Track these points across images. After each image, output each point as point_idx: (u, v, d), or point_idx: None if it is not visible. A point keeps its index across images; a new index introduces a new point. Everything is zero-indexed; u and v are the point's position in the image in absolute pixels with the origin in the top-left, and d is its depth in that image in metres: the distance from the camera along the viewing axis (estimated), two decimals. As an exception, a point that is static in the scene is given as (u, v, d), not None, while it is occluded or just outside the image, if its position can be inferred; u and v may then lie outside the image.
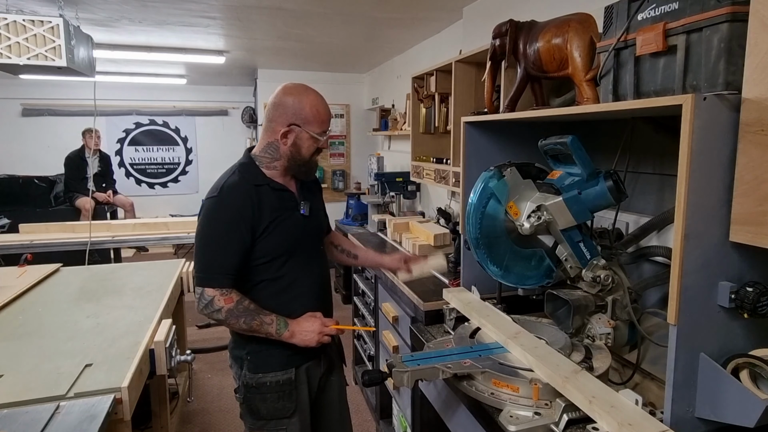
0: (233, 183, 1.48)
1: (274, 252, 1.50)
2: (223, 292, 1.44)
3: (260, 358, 1.54)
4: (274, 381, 1.53)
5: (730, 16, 0.96)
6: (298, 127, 1.49)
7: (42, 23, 2.79)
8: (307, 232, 1.59)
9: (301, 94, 1.50)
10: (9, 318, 2.11)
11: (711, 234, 0.97)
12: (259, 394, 1.53)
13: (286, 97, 1.50)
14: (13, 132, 6.73)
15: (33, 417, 1.34)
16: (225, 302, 1.44)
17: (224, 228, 1.44)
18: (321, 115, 1.50)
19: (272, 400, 1.53)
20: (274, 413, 1.54)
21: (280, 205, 1.52)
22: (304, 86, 1.54)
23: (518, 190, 1.47)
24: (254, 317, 1.45)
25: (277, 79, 6.04)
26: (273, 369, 1.54)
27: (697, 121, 0.91)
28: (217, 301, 1.44)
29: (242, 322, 1.45)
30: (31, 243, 3.78)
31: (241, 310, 1.44)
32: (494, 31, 1.67)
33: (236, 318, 1.44)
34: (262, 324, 1.45)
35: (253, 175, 1.51)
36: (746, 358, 1.00)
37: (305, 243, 1.58)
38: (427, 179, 2.91)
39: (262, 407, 1.54)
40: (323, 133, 1.51)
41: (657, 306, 1.49)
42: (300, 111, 1.48)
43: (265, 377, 1.53)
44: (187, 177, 7.65)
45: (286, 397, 1.54)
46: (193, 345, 3.72)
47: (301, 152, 1.51)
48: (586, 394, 1.09)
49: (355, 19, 3.46)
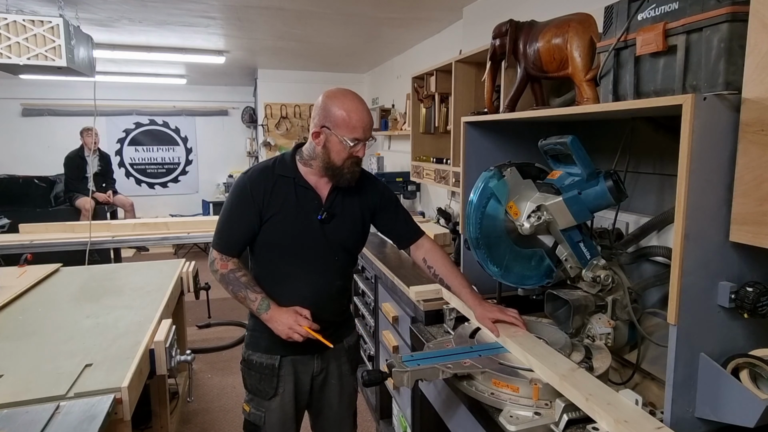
0: (262, 168, 1.58)
1: (273, 241, 1.55)
2: (223, 257, 1.55)
3: (253, 337, 1.64)
4: (259, 362, 1.61)
5: (730, 16, 0.96)
6: (328, 129, 1.46)
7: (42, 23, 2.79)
8: (319, 236, 1.55)
9: (336, 97, 1.47)
10: (9, 318, 2.10)
11: (711, 234, 0.97)
12: (247, 369, 1.65)
13: (323, 98, 1.49)
14: (13, 132, 6.73)
15: (33, 417, 1.34)
16: (221, 266, 1.54)
17: (236, 204, 1.54)
18: (352, 120, 1.44)
19: (255, 378, 1.63)
20: (256, 391, 1.63)
21: (297, 202, 1.53)
22: (345, 91, 1.50)
23: (518, 190, 1.47)
24: (241, 289, 1.52)
25: (277, 79, 6.05)
26: (260, 350, 1.62)
27: (697, 121, 0.91)
28: (216, 263, 1.55)
29: (230, 289, 1.54)
30: (31, 243, 3.78)
31: (231, 279, 1.53)
32: (494, 31, 1.67)
33: (226, 284, 1.54)
34: (246, 298, 1.52)
35: (284, 167, 1.57)
36: (746, 358, 1.00)
37: (313, 246, 1.55)
38: (427, 179, 2.91)
39: (248, 381, 1.65)
40: (355, 140, 1.45)
41: (657, 306, 1.49)
42: (331, 114, 1.45)
43: (253, 355, 1.62)
44: (187, 177, 7.65)
45: (266, 380, 1.61)
46: (193, 345, 3.72)
47: (330, 156, 1.48)
48: (583, 392, 1.10)
49: (355, 19, 3.46)
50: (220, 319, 4.47)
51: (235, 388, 3.30)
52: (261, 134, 6.28)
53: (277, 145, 6.21)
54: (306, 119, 6.28)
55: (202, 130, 7.60)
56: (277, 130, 6.18)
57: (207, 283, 3.27)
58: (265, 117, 6.15)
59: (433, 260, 1.68)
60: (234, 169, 7.57)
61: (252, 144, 7.30)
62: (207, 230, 4.37)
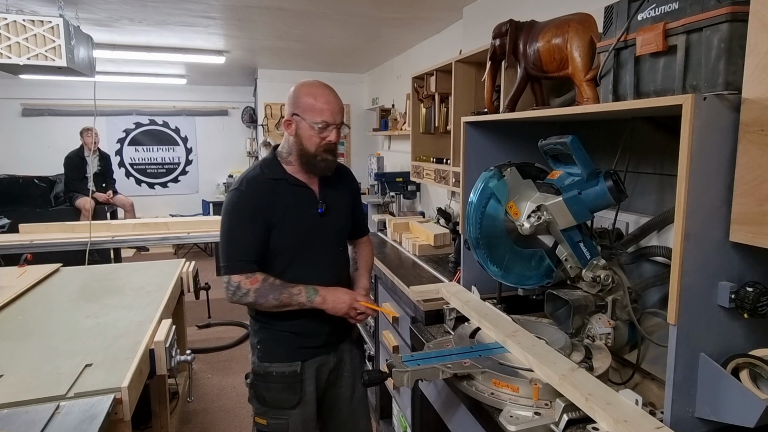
0: (253, 176, 1.54)
1: (282, 247, 1.53)
2: (248, 275, 1.49)
3: (269, 348, 1.59)
4: (280, 372, 1.56)
5: (730, 16, 0.95)
6: (298, 116, 1.50)
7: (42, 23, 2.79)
8: (322, 231, 1.59)
9: (304, 85, 1.53)
10: (9, 318, 2.10)
11: (711, 234, 0.97)
12: (264, 383, 1.58)
13: (293, 89, 1.55)
14: (13, 132, 6.73)
15: (33, 417, 1.34)
16: (251, 283, 1.48)
17: (243, 218, 1.50)
18: (318, 103, 1.49)
19: (276, 390, 1.57)
20: (277, 402, 1.58)
21: (296, 202, 1.54)
22: (314, 80, 1.56)
23: (518, 190, 1.47)
24: (281, 291, 1.48)
25: (277, 79, 6.05)
26: (279, 359, 1.57)
27: (697, 121, 0.91)
28: (243, 285, 1.48)
29: (271, 298, 1.48)
30: (31, 243, 3.78)
31: (268, 288, 1.48)
32: (494, 31, 1.67)
33: (264, 296, 1.48)
34: (291, 296, 1.48)
35: (272, 170, 1.56)
36: (746, 358, 1.00)
37: (318, 242, 1.58)
38: (427, 179, 2.91)
39: (266, 395, 1.58)
40: (324, 123, 1.49)
41: (657, 306, 1.49)
42: (298, 100, 1.50)
43: (271, 367, 1.57)
44: (187, 177, 7.65)
45: (289, 389, 1.57)
46: (193, 345, 3.72)
47: (303, 143, 1.51)
48: (582, 392, 1.10)
49: (355, 19, 3.46)
50: (220, 319, 4.47)
51: (235, 388, 3.30)
52: (261, 134, 6.28)
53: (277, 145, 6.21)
54: (306, 119, 6.28)
55: (202, 130, 7.60)
56: (277, 130, 6.18)
57: (207, 283, 3.27)
58: (265, 117, 6.15)
59: (359, 252, 1.81)
60: (234, 169, 7.57)
61: (252, 144, 7.30)
62: (207, 230, 4.37)
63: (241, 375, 3.47)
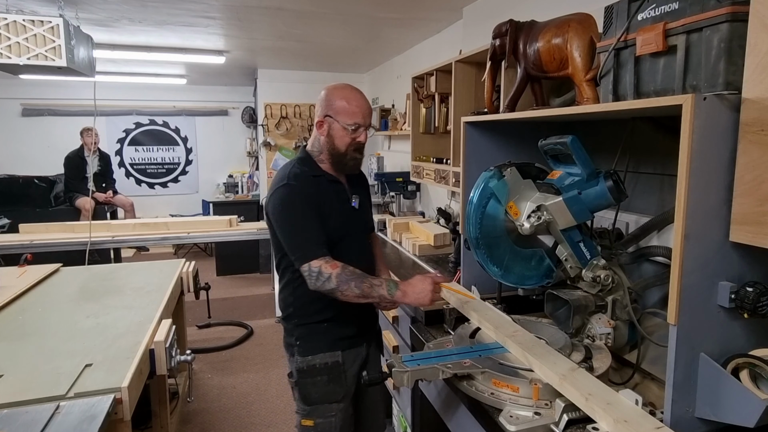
0: (297, 173, 1.57)
1: (330, 235, 1.56)
2: (326, 260, 1.48)
3: (309, 342, 1.62)
4: (323, 363, 1.59)
5: (730, 16, 0.96)
6: (330, 118, 1.57)
7: (42, 23, 2.79)
8: (356, 224, 1.68)
9: (336, 88, 1.61)
10: (9, 318, 2.10)
11: (711, 234, 0.97)
12: (310, 377, 1.60)
13: (325, 91, 1.62)
14: (13, 132, 6.73)
15: (33, 417, 1.34)
16: (331, 268, 1.46)
17: (303, 208, 1.53)
18: (351, 106, 1.56)
19: (322, 383, 1.59)
20: (324, 397, 1.60)
21: (335, 196, 1.62)
22: (345, 84, 1.65)
23: (518, 190, 1.47)
24: (363, 280, 1.48)
25: (277, 79, 6.05)
26: (321, 350, 1.60)
27: (697, 121, 0.91)
28: (324, 269, 1.46)
29: (353, 285, 1.46)
30: (31, 243, 3.78)
31: (349, 274, 1.47)
32: (494, 31, 1.67)
33: (346, 282, 1.46)
34: (372, 286, 1.48)
35: (311, 168, 1.62)
36: (746, 358, 1.00)
37: (354, 235, 1.66)
38: (427, 179, 2.91)
39: (312, 391, 1.60)
40: (356, 125, 1.56)
41: (657, 306, 1.49)
42: (331, 102, 1.57)
43: (315, 359, 1.60)
44: (187, 177, 7.65)
45: (335, 381, 1.60)
46: (193, 345, 3.72)
47: (335, 143, 1.58)
48: (582, 392, 1.10)
49: (355, 19, 3.46)
50: (220, 319, 4.47)
51: (235, 388, 3.30)
52: (261, 134, 6.27)
53: (277, 145, 6.21)
54: (306, 119, 6.28)
55: (202, 130, 7.59)
56: (277, 130, 6.18)
57: (207, 283, 3.27)
58: (265, 117, 6.15)
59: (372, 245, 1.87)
60: (234, 169, 7.57)
61: (252, 144, 7.29)
62: (207, 230, 4.37)
63: (242, 375, 3.47)
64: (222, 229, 4.40)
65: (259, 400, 3.14)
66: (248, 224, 4.65)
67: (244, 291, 5.42)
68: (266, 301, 4.95)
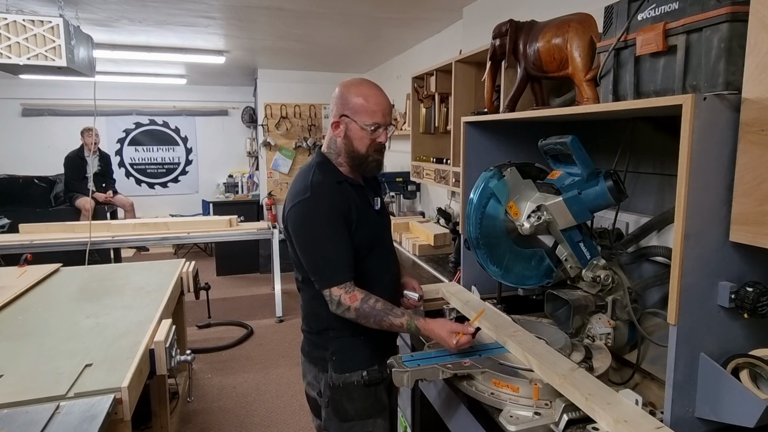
0: (319, 181, 1.45)
1: (361, 245, 1.47)
2: (347, 289, 1.40)
3: (346, 357, 1.51)
4: (361, 379, 1.50)
5: (730, 16, 0.96)
6: (347, 118, 1.45)
7: (42, 23, 2.79)
8: (381, 226, 1.61)
9: (353, 85, 1.47)
10: (9, 318, 2.10)
11: (711, 234, 0.97)
12: (347, 394, 1.50)
13: (340, 88, 1.48)
14: (13, 132, 6.73)
15: (33, 417, 1.34)
16: (351, 300, 1.39)
17: (327, 224, 1.41)
18: (370, 105, 1.43)
19: (359, 399, 1.50)
20: (362, 412, 1.51)
21: (360, 201, 1.51)
22: (361, 79, 1.51)
23: (518, 190, 1.47)
24: (382, 316, 1.40)
25: (277, 79, 6.05)
26: (358, 367, 1.51)
27: (697, 121, 0.91)
28: (343, 300, 1.39)
29: (372, 322, 1.40)
30: (31, 243, 3.78)
31: (368, 310, 1.39)
32: (494, 31, 1.67)
33: (365, 318, 1.40)
34: (392, 325, 1.40)
35: (332, 173, 1.49)
36: (746, 358, 1.00)
37: (382, 237, 1.59)
38: (427, 179, 2.91)
39: (349, 407, 1.50)
40: (375, 125, 1.44)
41: (657, 306, 1.49)
42: (348, 100, 1.44)
43: (352, 376, 1.50)
44: (187, 177, 7.65)
45: (373, 395, 1.52)
46: (193, 345, 3.72)
47: (354, 145, 1.46)
48: (582, 392, 1.10)
49: (355, 19, 3.46)
50: (220, 319, 4.47)
51: (235, 388, 3.30)
52: (261, 134, 6.27)
53: (277, 145, 6.21)
54: (306, 119, 6.28)
55: (202, 130, 7.59)
56: (277, 130, 6.18)
57: (207, 283, 3.27)
58: (265, 117, 6.15)
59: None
60: (234, 169, 7.57)
61: (252, 144, 7.30)
62: (207, 230, 4.38)
63: (242, 375, 3.47)
64: (222, 229, 4.40)
65: (259, 400, 3.14)
66: (248, 224, 4.66)
67: (244, 291, 5.42)
68: (266, 301, 4.95)
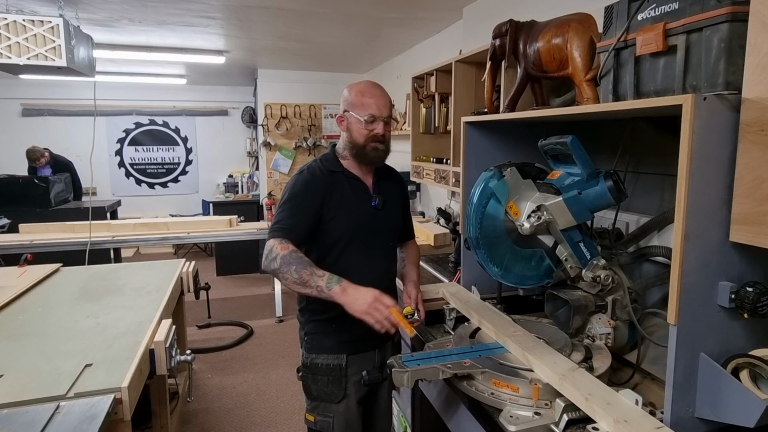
0: (313, 165, 1.64)
1: (337, 236, 1.58)
2: (282, 241, 1.47)
3: (316, 340, 1.64)
4: (325, 364, 1.61)
5: (730, 16, 0.95)
6: (348, 112, 1.61)
7: (42, 23, 2.79)
8: (376, 224, 1.65)
9: (354, 84, 1.65)
10: (9, 318, 2.10)
11: (711, 234, 0.97)
12: (312, 374, 1.63)
13: (345, 89, 1.66)
14: (13, 132, 6.73)
15: (33, 417, 1.34)
16: (281, 249, 1.46)
17: (298, 195, 1.56)
18: (365, 98, 1.58)
19: (322, 382, 1.61)
20: (324, 396, 1.62)
21: (352, 194, 1.62)
22: (364, 80, 1.69)
23: (518, 190, 1.47)
24: (305, 267, 1.43)
25: (277, 79, 6.05)
26: (325, 351, 1.62)
27: (697, 121, 0.91)
28: (275, 248, 1.46)
29: (293, 269, 1.43)
30: (31, 243, 3.78)
31: (294, 257, 1.44)
32: (494, 31, 1.67)
33: (288, 265, 1.43)
34: (312, 275, 1.42)
35: (331, 163, 1.65)
36: (746, 358, 1.00)
37: (371, 234, 1.64)
38: (427, 179, 2.91)
39: (313, 387, 1.63)
40: (370, 116, 1.57)
41: (657, 306, 1.49)
42: (348, 97, 1.62)
43: (318, 358, 1.62)
44: (187, 177, 7.65)
45: (335, 382, 1.61)
46: (193, 345, 3.72)
47: (353, 136, 1.61)
48: (582, 391, 1.10)
49: (355, 19, 3.46)
50: (220, 319, 4.47)
51: (235, 388, 3.30)
52: (261, 134, 6.27)
53: (277, 145, 6.21)
54: (306, 119, 6.28)
55: (202, 130, 7.60)
56: (277, 130, 6.18)
57: (207, 283, 3.27)
58: (265, 117, 6.15)
59: (407, 253, 1.88)
60: (234, 169, 7.57)
61: (252, 144, 7.30)
62: (207, 230, 4.37)
63: (242, 375, 3.48)
64: (222, 229, 4.40)
65: (259, 400, 3.15)
66: (248, 224, 4.66)
67: (244, 291, 5.42)
68: (266, 301, 4.95)
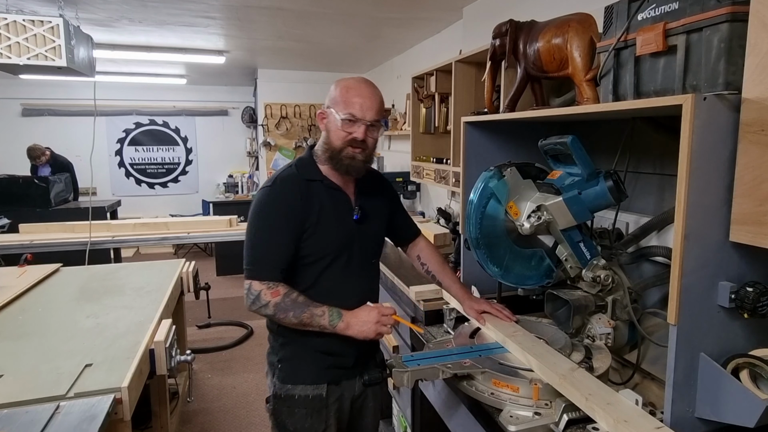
0: (286, 176, 1.42)
1: (317, 254, 1.40)
2: (270, 285, 1.34)
3: (291, 367, 1.44)
4: (303, 395, 1.42)
5: (730, 16, 0.95)
6: (330, 108, 1.40)
7: (42, 23, 2.79)
8: (357, 239, 1.46)
9: (343, 80, 1.43)
10: (9, 318, 2.10)
11: (711, 234, 0.97)
12: (287, 408, 1.43)
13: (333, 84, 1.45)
14: (13, 132, 6.73)
15: (33, 417, 1.34)
16: (272, 296, 1.33)
17: (274, 219, 1.36)
18: (349, 95, 1.37)
19: (300, 416, 1.42)
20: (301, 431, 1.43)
21: (332, 205, 1.42)
22: (355, 76, 1.47)
23: (518, 190, 1.47)
24: (303, 310, 1.33)
25: (277, 79, 6.05)
26: (303, 381, 1.43)
27: (697, 121, 0.91)
28: (263, 295, 1.34)
29: (291, 315, 1.33)
30: (31, 243, 3.78)
31: (289, 303, 1.33)
32: (494, 31, 1.67)
33: (284, 312, 1.33)
34: (313, 316, 1.33)
35: (307, 170, 1.44)
36: (746, 358, 1.00)
37: (353, 251, 1.46)
38: (427, 179, 2.91)
39: (288, 422, 1.43)
40: (349, 116, 1.35)
41: (657, 306, 1.49)
42: (333, 91, 1.41)
43: (294, 389, 1.42)
44: (187, 177, 7.65)
45: (315, 415, 1.42)
46: (193, 345, 3.72)
47: (330, 137, 1.39)
48: (582, 391, 1.10)
49: (355, 19, 3.46)
50: (220, 319, 4.47)
51: (235, 388, 3.30)
52: (261, 134, 6.28)
53: (277, 145, 6.21)
54: (306, 119, 6.28)
55: (202, 130, 7.60)
56: (277, 130, 6.18)
57: (207, 283, 3.27)
58: (265, 117, 6.15)
59: (426, 257, 1.71)
60: (234, 169, 7.57)
61: (252, 144, 7.30)
62: (207, 230, 4.37)
63: (242, 375, 3.47)
64: (222, 229, 4.40)
65: (259, 400, 3.14)
66: (248, 224, 4.64)
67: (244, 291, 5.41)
68: (266, 301, 4.95)
